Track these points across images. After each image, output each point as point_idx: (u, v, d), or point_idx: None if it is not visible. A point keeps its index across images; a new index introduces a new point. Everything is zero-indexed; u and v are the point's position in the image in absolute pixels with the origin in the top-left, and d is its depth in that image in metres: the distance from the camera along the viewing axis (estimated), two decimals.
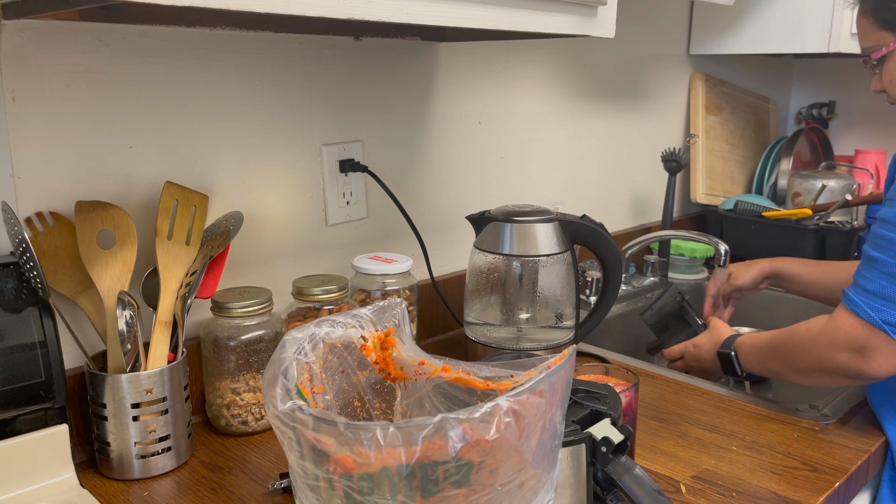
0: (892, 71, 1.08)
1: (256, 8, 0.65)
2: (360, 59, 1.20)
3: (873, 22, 1.07)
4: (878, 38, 1.07)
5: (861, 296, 0.93)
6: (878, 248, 0.92)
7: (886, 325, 0.91)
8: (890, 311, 0.90)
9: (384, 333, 0.73)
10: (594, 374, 0.90)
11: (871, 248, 0.93)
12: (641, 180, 1.85)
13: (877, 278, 0.92)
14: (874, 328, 0.92)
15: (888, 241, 0.91)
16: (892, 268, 0.90)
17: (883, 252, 0.92)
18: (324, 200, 1.20)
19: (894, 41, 1.06)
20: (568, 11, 0.95)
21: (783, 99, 2.31)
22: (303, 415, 0.56)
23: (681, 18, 1.87)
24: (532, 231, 1.09)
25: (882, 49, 1.07)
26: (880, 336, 0.91)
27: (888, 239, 0.91)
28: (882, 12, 1.05)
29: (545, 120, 1.55)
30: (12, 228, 0.84)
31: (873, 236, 0.94)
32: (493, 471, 0.55)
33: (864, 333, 0.93)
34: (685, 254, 1.75)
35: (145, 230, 0.99)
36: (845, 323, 0.95)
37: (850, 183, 1.83)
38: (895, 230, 0.91)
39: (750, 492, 0.87)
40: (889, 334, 0.91)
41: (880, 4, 1.06)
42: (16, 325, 0.85)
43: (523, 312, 1.13)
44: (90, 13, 0.89)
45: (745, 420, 1.04)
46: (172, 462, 0.92)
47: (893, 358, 0.92)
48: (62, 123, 0.92)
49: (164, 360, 0.92)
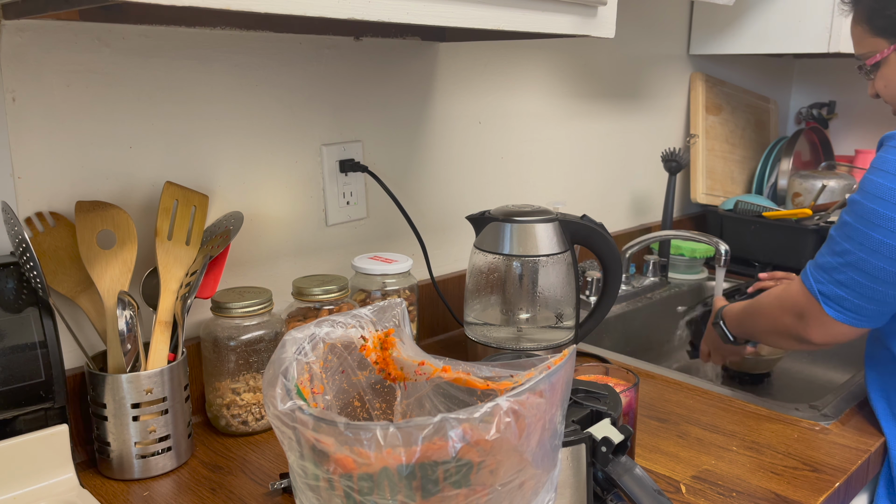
0: (886, 76, 1.10)
1: (256, 8, 0.65)
2: (360, 59, 1.20)
3: (867, 29, 1.10)
4: (872, 45, 1.10)
5: (811, 267, 1.02)
6: (835, 228, 0.99)
7: (820, 296, 0.99)
8: (827, 283, 0.98)
9: (384, 333, 0.73)
10: (594, 374, 0.90)
11: (833, 228, 1.00)
12: (641, 180, 1.85)
13: (826, 254, 1.00)
14: (812, 297, 1.01)
15: (842, 223, 0.98)
16: (839, 246, 0.97)
17: (837, 231, 0.98)
18: (324, 200, 1.20)
19: (888, 48, 1.08)
20: (568, 11, 0.95)
21: (783, 99, 2.31)
22: (303, 415, 0.56)
23: (681, 18, 1.87)
24: (532, 231, 1.09)
25: (876, 55, 1.09)
26: (815, 305, 1.00)
27: (843, 221, 0.98)
28: (876, 20, 1.08)
29: (545, 120, 1.55)
30: (12, 228, 0.84)
31: (839, 216, 1.00)
32: (493, 471, 0.55)
33: (804, 300, 1.02)
34: (685, 254, 1.75)
35: (145, 230, 0.99)
36: (793, 289, 1.05)
37: (850, 183, 1.83)
38: (850, 215, 0.96)
39: (750, 492, 0.87)
40: (821, 304, 0.99)
41: (874, 12, 1.08)
42: (16, 325, 0.85)
43: (523, 312, 1.13)
44: (90, 13, 0.89)
45: (745, 420, 1.04)
46: (172, 462, 0.92)
47: (825, 327, 1.00)
48: (62, 123, 0.92)
49: (164, 360, 0.92)
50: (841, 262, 0.96)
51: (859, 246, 0.94)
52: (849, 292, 0.96)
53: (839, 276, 0.97)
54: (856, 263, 0.94)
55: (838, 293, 0.97)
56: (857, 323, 0.98)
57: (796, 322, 1.03)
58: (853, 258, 0.94)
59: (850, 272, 0.95)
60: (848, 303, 0.97)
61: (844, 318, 0.98)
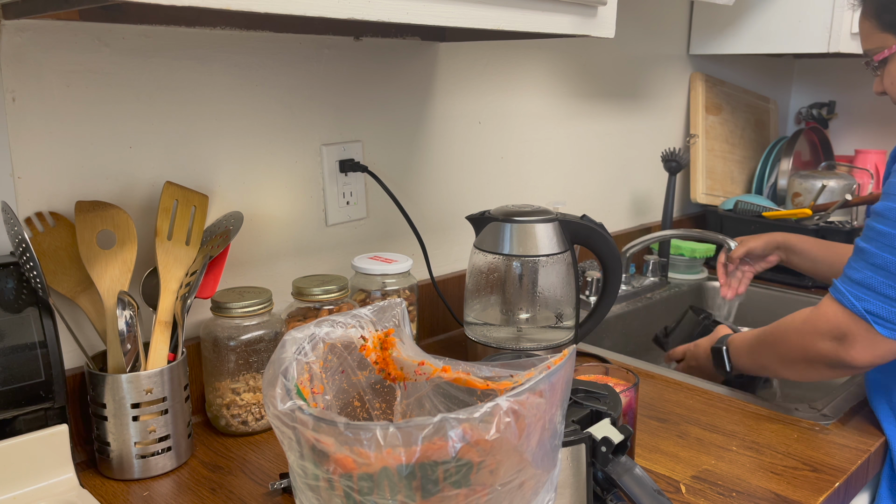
0: (893, 73, 1.08)
1: (256, 8, 0.65)
2: (360, 59, 1.20)
3: (876, 24, 1.08)
4: (880, 41, 1.08)
5: (846, 285, 0.95)
6: (867, 240, 0.94)
7: (868, 315, 0.92)
8: (872, 300, 0.91)
9: (384, 333, 0.73)
10: (594, 374, 0.90)
11: (862, 240, 0.95)
12: (641, 180, 1.85)
13: (863, 268, 0.93)
14: (856, 316, 0.93)
15: (877, 233, 0.92)
16: (879, 259, 0.91)
17: (871, 243, 0.93)
18: (324, 200, 1.20)
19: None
20: (568, 11, 0.95)
21: (783, 99, 2.31)
22: (303, 415, 0.56)
23: (681, 18, 1.87)
24: (532, 231, 1.09)
25: (884, 51, 1.08)
26: (861, 325, 0.93)
27: (877, 231, 0.92)
28: (884, 15, 1.06)
29: (545, 120, 1.55)
30: (12, 228, 0.84)
31: (865, 229, 0.95)
32: (493, 471, 0.55)
33: (845, 321, 0.94)
34: (685, 254, 1.75)
35: (145, 230, 0.99)
36: (829, 311, 0.96)
37: (850, 183, 1.83)
38: (885, 223, 0.92)
39: (750, 492, 0.87)
40: (870, 323, 0.92)
41: (883, 7, 1.06)
42: (16, 325, 0.84)
43: (523, 312, 1.13)
44: (90, 13, 0.89)
45: (745, 420, 1.04)
46: (172, 462, 0.92)
47: (872, 347, 0.93)
48: (62, 123, 0.92)
49: (164, 360, 0.92)
50: (886, 274, 0.90)
51: None
52: None
53: (887, 290, 0.90)
54: None
55: (889, 308, 0.90)
56: None
57: (835, 346, 0.95)
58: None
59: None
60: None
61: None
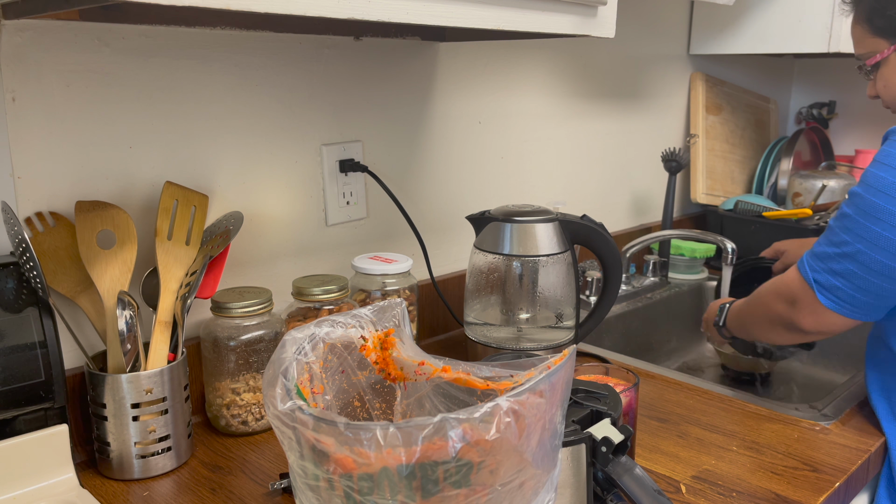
0: (885, 77, 1.10)
1: (256, 8, 0.65)
2: (360, 59, 1.20)
3: (867, 29, 1.10)
4: (872, 45, 1.10)
5: (808, 256, 1.02)
6: (835, 219, 1.00)
7: (815, 284, 1.00)
8: (822, 272, 0.99)
9: (384, 333, 0.73)
10: (594, 374, 0.90)
11: (832, 219, 1.00)
12: (641, 180, 1.85)
13: (824, 243, 1.00)
14: (806, 284, 1.01)
15: (841, 214, 0.98)
16: (837, 237, 0.98)
17: (836, 221, 0.99)
18: (324, 200, 1.20)
19: (888, 48, 1.08)
20: (568, 11, 0.95)
21: (783, 99, 2.31)
22: (303, 415, 0.56)
23: (681, 18, 1.87)
24: (532, 231, 1.09)
25: (876, 56, 1.10)
26: (808, 292, 1.01)
27: (842, 212, 0.98)
28: (876, 19, 1.08)
29: (545, 120, 1.55)
30: (12, 228, 0.84)
31: (838, 209, 1.00)
32: (493, 471, 0.55)
33: (798, 287, 1.03)
34: (685, 254, 1.75)
35: (145, 230, 0.99)
36: (788, 276, 1.06)
37: (850, 183, 1.83)
38: (852, 206, 0.96)
39: (750, 492, 0.87)
40: (815, 292, 1.00)
41: (874, 12, 1.08)
42: (16, 325, 0.85)
43: (523, 312, 1.13)
44: (90, 13, 0.89)
45: (745, 420, 1.04)
46: (172, 462, 0.92)
47: (816, 315, 1.01)
48: (62, 123, 0.92)
49: (164, 360, 0.92)
50: (838, 252, 0.97)
51: (858, 237, 0.94)
52: (843, 282, 0.97)
53: (835, 265, 0.97)
54: (853, 255, 0.95)
55: (833, 282, 0.98)
56: (850, 314, 0.99)
57: (788, 309, 1.04)
58: (851, 249, 0.95)
59: (846, 262, 0.96)
60: (842, 293, 0.97)
61: (837, 308, 0.99)
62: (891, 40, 1.08)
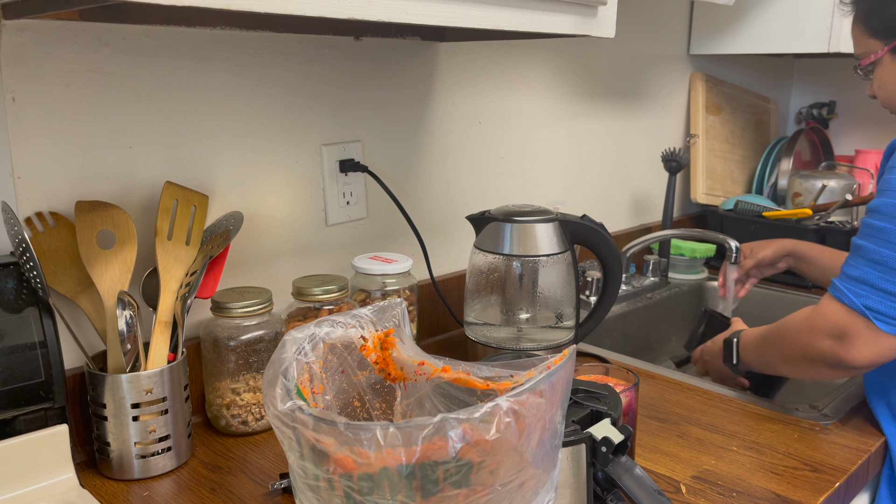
0: (881, 77, 1.11)
1: (256, 8, 0.65)
2: (360, 59, 1.20)
3: (864, 30, 1.11)
4: (868, 46, 1.11)
5: (845, 282, 0.94)
6: (863, 237, 0.93)
7: (867, 311, 0.91)
8: (871, 296, 0.91)
9: (384, 333, 0.73)
10: (594, 374, 0.89)
11: (859, 238, 0.94)
12: (641, 180, 1.85)
13: (860, 265, 0.92)
14: (855, 313, 0.92)
15: (873, 230, 0.92)
16: (875, 254, 0.91)
17: (868, 240, 0.92)
18: (324, 200, 1.20)
19: (882, 48, 1.09)
20: (568, 11, 0.95)
21: (783, 99, 2.31)
22: (303, 415, 0.56)
23: (681, 18, 1.87)
24: (532, 231, 1.09)
25: (871, 56, 1.10)
26: (860, 321, 0.91)
27: (874, 227, 0.92)
28: (872, 21, 1.09)
29: (545, 120, 1.55)
30: (12, 228, 0.84)
31: (862, 226, 0.95)
32: (493, 471, 0.55)
33: (845, 319, 0.93)
34: (685, 254, 1.75)
35: (145, 230, 0.99)
36: (828, 309, 0.95)
37: (850, 183, 1.83)
38: (882, 219, 0.91)
39: (750, 492, 0.87)
40: (870, 319, 0.91)
41: (871, 13, 1.09)
42: (16, 325, 0.84)
43: (523, 312, 1.13)
44: (90, 13, 0.89)
45: (745, 420, 1.04)
46: (172, 462, 0.92)
47: (873, 344, 0.91)
48: (62, 123, 0.92)
49: (164, 360, 0.92)
50: (884, 269, 0.89)
51: None
52: None
53: (886, 285, 0.89)
54: None
55: (888, 303, 0.89)
56: None
57: (835, 345, 0.94)
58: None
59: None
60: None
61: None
62: (885, 41, 1.08)
